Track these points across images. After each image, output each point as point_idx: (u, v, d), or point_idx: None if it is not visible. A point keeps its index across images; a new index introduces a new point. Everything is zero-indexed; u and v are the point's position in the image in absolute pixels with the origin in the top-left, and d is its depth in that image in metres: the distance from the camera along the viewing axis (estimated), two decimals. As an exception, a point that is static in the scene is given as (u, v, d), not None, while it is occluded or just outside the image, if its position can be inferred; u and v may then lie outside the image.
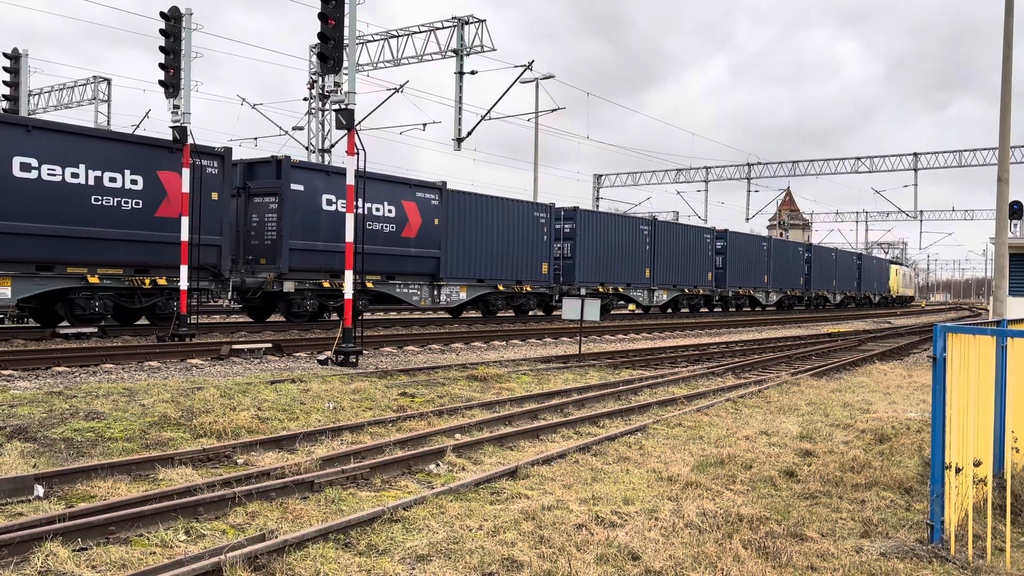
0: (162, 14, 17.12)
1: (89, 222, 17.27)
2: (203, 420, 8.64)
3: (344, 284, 15.19)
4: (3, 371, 12.26)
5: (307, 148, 38.29)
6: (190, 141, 17.64)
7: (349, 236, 15.06)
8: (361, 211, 20.75)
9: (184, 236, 17.46)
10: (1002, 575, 5.01)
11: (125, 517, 5.39)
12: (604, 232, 33.34)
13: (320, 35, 14.63)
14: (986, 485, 5.60)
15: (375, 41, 34.79)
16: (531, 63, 35.43)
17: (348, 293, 15.04)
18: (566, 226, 31.87)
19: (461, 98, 32.76)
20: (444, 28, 32.60)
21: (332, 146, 37.58)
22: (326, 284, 22.43)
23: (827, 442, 8.96)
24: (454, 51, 32.34)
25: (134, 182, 18.03)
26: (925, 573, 5.03)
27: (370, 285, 23.34)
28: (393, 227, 23.89)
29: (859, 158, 53.49)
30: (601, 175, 61.63)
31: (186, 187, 17.61)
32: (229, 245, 20.17)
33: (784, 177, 57.45)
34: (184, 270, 17.43)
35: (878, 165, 52.77)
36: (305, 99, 38.52)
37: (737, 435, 9.29)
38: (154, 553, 5.05)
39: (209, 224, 19.15)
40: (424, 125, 37.42)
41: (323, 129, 38.09)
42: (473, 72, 32.78)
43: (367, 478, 6.96)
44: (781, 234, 78.01)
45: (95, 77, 40.71)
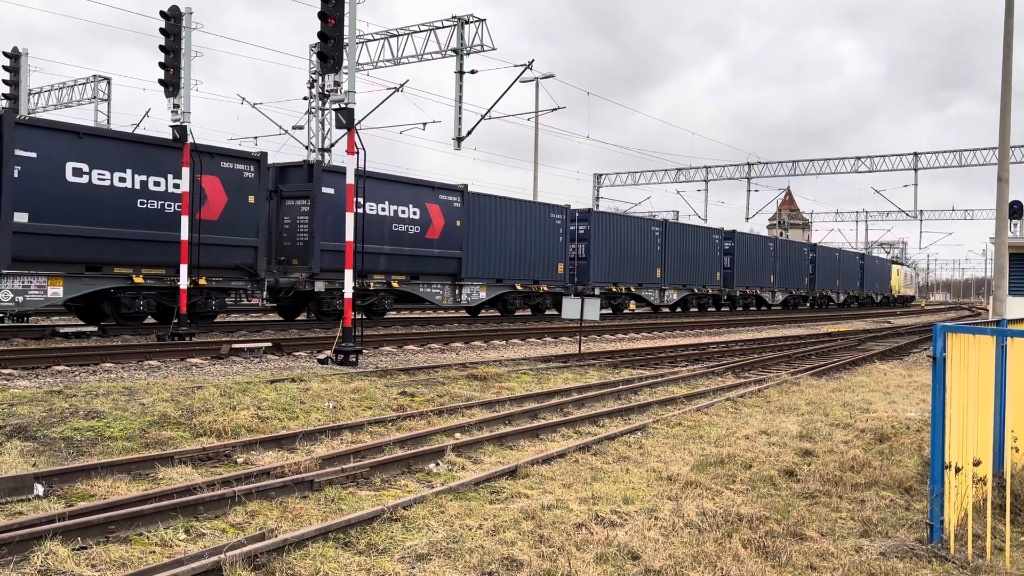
0: (162, 13, 17.11)
1: (135, 224, 17.99)
2: (203, 419, 8.64)
3: (347, 284, 15.22)
4: (3, 370, 12.26)
5: (307, 147, 38.27)
6: (190, 140, 17.63)
7: (349, 235, 15.06)
8: (361, 210, 21.28)
9: (184, 235, 17.47)
10: (1002, 574, 5.01)
11: (125, 516, 5.40)
12: (617, 233, 33.77)
13: (320, 34, 14.64)
14: (986, 484, 5.60)
15: (375, 40, 34.79)
16: (531, 62, 35.44)
17: (348, 292, 15.05)
18: (581, 227, 32.31)
19: (461, 97, 32.75)
20: (444, 27, 32.59)
21: (332, 145, 37.56)
22: (355, 284, 22.95)
23: (827, 442, 8.96)
24: (454, 50, 32.32)
25: (176, 186, 18.73)
26: (925, 573, 5.03)
27: (396, 285, 24.08)
28: (418, 229, 24.65)
29: (859, 158, 53.47)
30: (601, 174, 61.60)
31: (186, 186, 17.61)
32: (264, 246, 20.84)
33: (784, 177, 57.47)
34: (184, 269, 17.45)
35: (878, 165, 52.76)
36: (305, 98, 38.51)
37: (737, 435, 9.30)
38: (154, 552, 5.06)
39: (246, 226, 20.04)
40: (424, 124, 37.50)
41: (323, 128, 38.07)
42: (473, 71, 32.80)
43: (367, 477, 6.97)
44: (781, 234, 78.02)
45: (95, 76, 40.68)
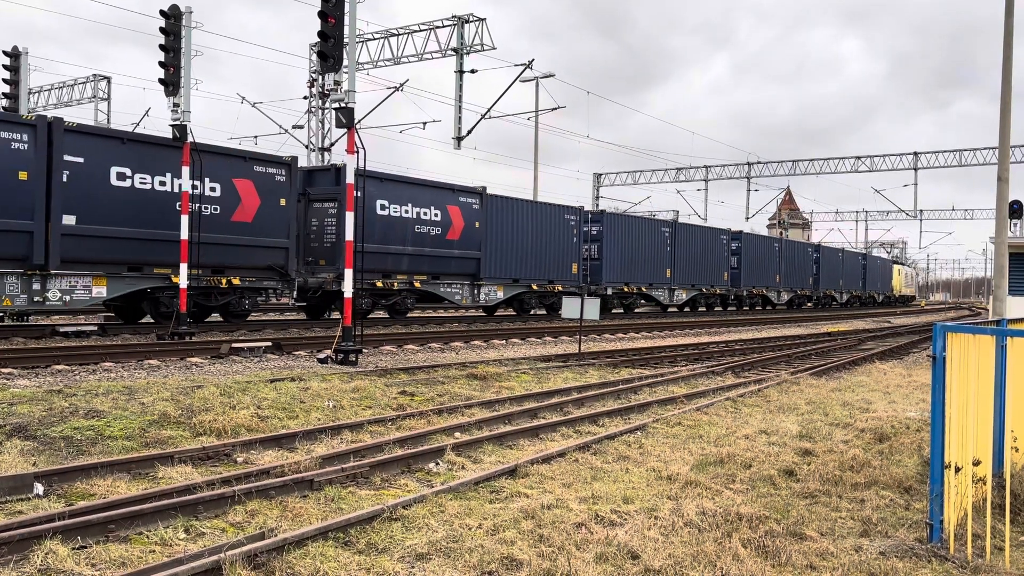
0: (162, 12, 17.09)
1: (174, 226, 18.27)
2: (203, 418, 8.64)
3: (346, 283, 15.19)
4: (3, 369, 12.26)
5: (307, 147, 38.27)
6: (189, 139, 17.62)
7: (349, 235, 15.05)
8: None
9: (184, 235, 17.45)
10: (1001, 574, 5.01)
11: (125, 515, 5.40)
12: (628, 234, 34.35)
13: (320, 33, 14.63)
14: (985, 484, 5.60)
15: (375, 39, 34.79)
16: (531, 62, 35.49)
17: (348, 292, 15.03)
18: (593, 228, 32.90)
19: (461, 97, 32.76)
20: (444, 27, 32.60)
21: (332, 144, 37.58)
22: (379, 284, 23.81)
23: (826, 441, 8.96)
24: (454, 50, 32.32)
25: (212, 189, 19.38)
26: (924, 572, 5.03)
27: (418, 284, 24.91)
28: (439, 230, 25.32)
29: (859, 157, 53.47)
30: (601, 174, 61.58)
31: (186, 185, 17.59)
32: (295, 247, 21.43)
33: (784, 176, 57.54)
34: (184, 268, 17.42)
35: (878, 164, 52.76)
36: (305, 97, 38.53)
37: (737, 434, 9.30)
38: (153, 551, 5.06)
39: (278, 228, 20.75)
40: (424, 124, 37.70)
41: (323, 127, 38.08)
42: (473, 71, 32.83)
43: (367, 477, 6.97)
44: (781, 233, 78.05)
45: (95, 75, 40.66)
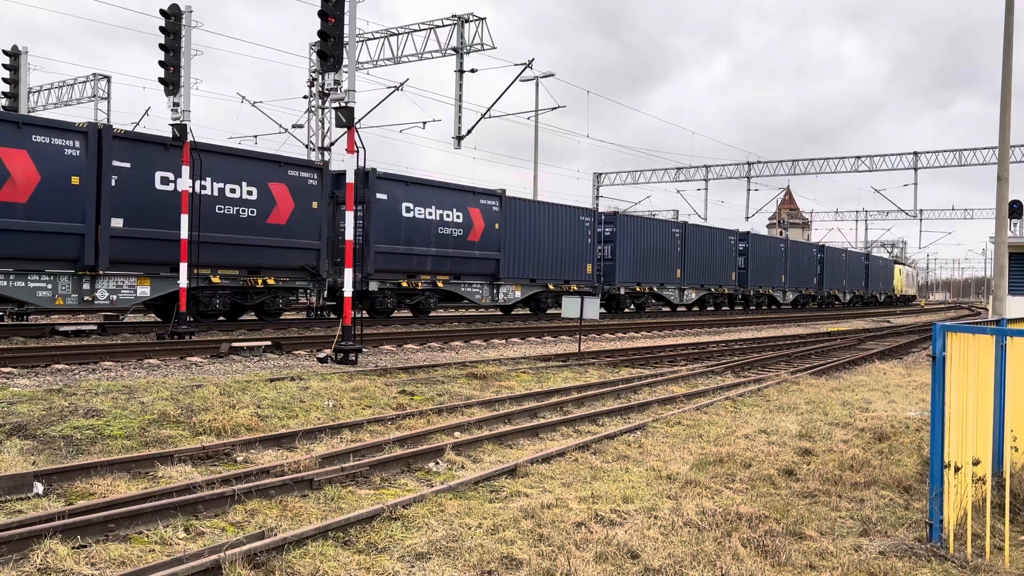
0: (162, 11, 17.08)
1: (213, 228, 19.25)
2: (202, 418, 8.64)
3: (347, 282, 15.19)
4: (3, 368, 12.26)
5: (307, 146, 38.23)
6: (189, 138, 17.62)
7: (349, 234, 15.05)
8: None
9: (184, 234, 17.44)
10: (1001, 574, 5.01)
11: (124, 515, 5.40)
12: (640, 235, 34.95)
13: (320, 33, 14.62)
14: (985, 484, 5.60)
15: (375, 39, 34.77)
16: (531, 61, 35.55)
17: (347, 291, 15.03)
18: (607, 229, 33.52)
19: (461, 96, 32.77)
20: (444, 26, 32.59)
21: (332, 144, 37.55)
22: (404, 284, 24.60)
23: (826, 441, 8.96)
24: (454, 49, 32.32)
25: (249, 193, 20.23)
26: (924, 572, 5.03)
27: (441, 284, 25.91)
28: (461, 232, 26.28)
29: (859, 157, 53.51)
30: (601, 173, 61.58)
31: (185, 185, 17.59)
32: (326, 249, 22.00)
33: (784, 176, 57.61)
34: (183, 268, 17.42)
35: (878, 164, 52.78)
36: (305, 97, 38.46)
37: (736, 434, 9.30)
38: (153, 551, 5.06)
39: (310, 230, 21.61)
40: (424, 123, 37.74)
41: (323, 127, 38.03)
42: (473, 70, 32.84)
43: (366, 476, 6.97)
44: (781, 233, 78.13)
45: (95, 74, 40.62)
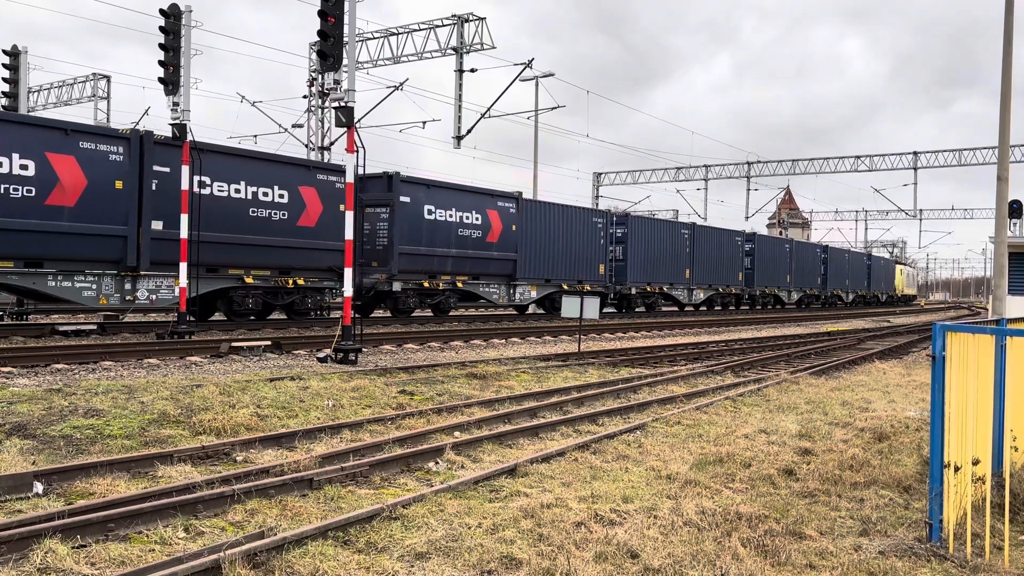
0: (162, 11, 17.08)
1: (247, 231, 19.96)
2: (202, 417, 8.64)
3: (346, 282, 15.19)
4: (2, 368, 12.26)
5: (306, 146, 38.24)
6: (189, 138, 17.63)
7: (348, 234, 15.06)
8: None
9: (184, 234, 17.45)
10: (1000, 573, 5.01)
11: (124, 514, 5.39)
12: (651, 235, 35.42)
13: (320, 32, 14.61)
14: (985, 483, 5.61)
15: (375, 38, 34.79)
16: (531, 61, 35.57)
17: (347, 291, 15.03)
18: (619, 230, 34.02)
19: (461, 96, 32.80)
20: (444, 26, 32.62)
21: (332, 143, 37.56)
22: (426, 284, 25.07)
23: (826, 440, 8.96)
24: (454, 49, 32.34)
25: (281, 196, 20.88)
26: (924, 571, 5.03)
27: (460, 284, 26.57)
28: (480, 233, 26.91)
29: (859, 157, 53.57)
30: (601, 173, 61.62)
31: (185, 184, 17.59)
32: (355, 250, 22.26)
33: (784, 176, 57.72)
34: (183, 267, 17.43)
35: (878, 164, 52.81)
36: (305, 96, 38.47)
37: (736, 433, 9.30)
38: (153, 550, 5.05)
39: (338, 232, 21.23)
40: (424, 123, 37.84)
41: (323, 127, 38.04)
42: (473, 70, 32.89)
43: (366, 476, 6.96)
44: (781, 233, 78.12)
45: (95, 74, 40.63)
